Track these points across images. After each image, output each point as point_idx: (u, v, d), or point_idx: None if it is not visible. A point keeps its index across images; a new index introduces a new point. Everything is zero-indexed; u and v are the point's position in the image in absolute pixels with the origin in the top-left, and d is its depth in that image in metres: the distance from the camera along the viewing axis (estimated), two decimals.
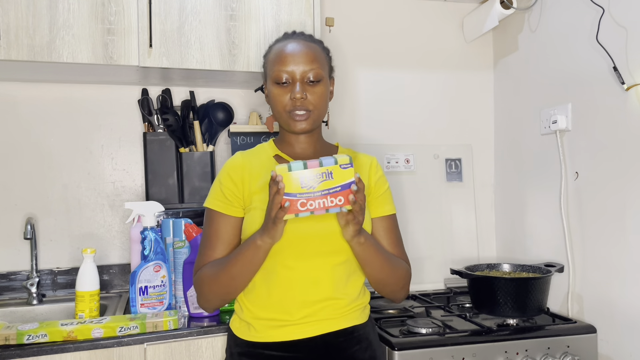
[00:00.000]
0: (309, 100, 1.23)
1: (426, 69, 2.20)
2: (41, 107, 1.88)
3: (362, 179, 1.31)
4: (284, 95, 1.23)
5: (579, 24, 1.70)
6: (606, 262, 1.61)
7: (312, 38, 1.32)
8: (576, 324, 1.60)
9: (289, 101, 1.23)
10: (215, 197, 1.26)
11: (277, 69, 1.23)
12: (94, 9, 1.60)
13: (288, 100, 1.23)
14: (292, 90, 1.22)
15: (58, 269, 1.86)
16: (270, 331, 1.21)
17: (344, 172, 1.06)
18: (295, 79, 1.23)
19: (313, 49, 1.26)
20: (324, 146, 1.35)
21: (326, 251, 1.21)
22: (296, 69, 1.22)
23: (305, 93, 1.22)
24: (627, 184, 1.53)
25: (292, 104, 1.23)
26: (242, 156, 1.30)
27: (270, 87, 1.26)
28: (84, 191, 1.91)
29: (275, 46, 1.29)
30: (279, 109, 1.25)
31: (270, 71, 1.26)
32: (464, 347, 1.45)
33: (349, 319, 1.24)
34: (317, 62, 1.25)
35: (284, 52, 1.25)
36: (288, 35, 1.31)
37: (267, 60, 1.30)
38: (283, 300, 1.20)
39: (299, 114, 1.23)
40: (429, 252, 2.11)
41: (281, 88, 1.24)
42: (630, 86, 1.50)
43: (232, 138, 1.96)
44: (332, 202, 1.06)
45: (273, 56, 1.27)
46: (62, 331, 1.33)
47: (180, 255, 1.61)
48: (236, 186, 1.24)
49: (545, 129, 1.85)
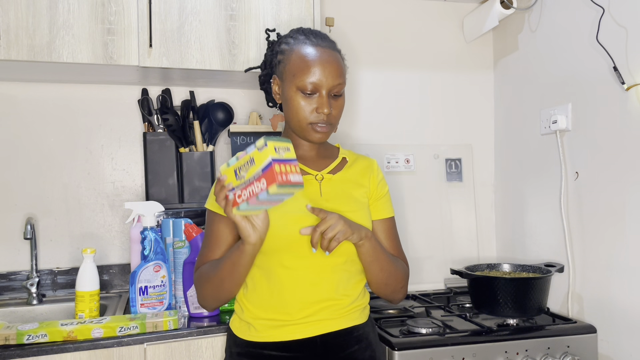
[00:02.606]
0: (333, 114, 1.22)
1: (426, 69, 2.20)
2: (41, 107, 1.88)
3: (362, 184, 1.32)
4: (308, 106, 1.20)
5: (579, 24, 1.70)
6: (606, 262, 1.61)
7: (333, 43, 1.27)
8: (576, 324, 1.60)
9: (314, 114, 1.20)
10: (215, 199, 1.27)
11: (304, 80, 1.19)
12: (94, 9, 1.60)
13: (312, 111, 1.20)
14: (319, 103, 1.20)
15: (58, 269, 1.86)
16: (270, 331, 1.21)
17: (261, 154, 1.02)
18: (322, 91, 1.20)
19: (339, 60, 1.23)
20: (326, 148, 1.35)
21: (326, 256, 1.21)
22: (325, 82, 1.19)
23: (331, 107, 1.21)
24: (627, 183, 1.53)
25: (316, 117, 1.20)
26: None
27: (290, 92, 1.22)
28: (84, 191, 1.91)
29: (298, 47, 1.23)
30: (300, 118, 1.21)
31: (292, 76, 1.21)
32: (464, 347, 1.44)
33: (349, 319, 1.24)
34: (343, 76, 1.23)
35: (312, 61, 1.20)
36: (310, 37, 1.24)
37: (288, 60, 1.23)
38: (283, 301, 1.20)
39: (322, 127, 1.21)
40: (429, 252, 2.11)
41: (305, 98, 1.20)
42: (630, 86, 1.50)
43: (232, 138, 1.96)
44: (258, 188, 1.02)
45: (298, 61, 1.21)
46: (62, 331, 1.33)
47: (180, 255, 1.61)
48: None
49: (545, 129, 1.85)
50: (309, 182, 1.26)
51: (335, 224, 1.14)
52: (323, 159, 1.32)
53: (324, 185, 1.27)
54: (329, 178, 1.28)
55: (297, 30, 1.28)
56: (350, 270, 1.25)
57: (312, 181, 1.27)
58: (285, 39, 1.28)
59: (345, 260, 1.23)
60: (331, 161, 1.32)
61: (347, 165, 1.33)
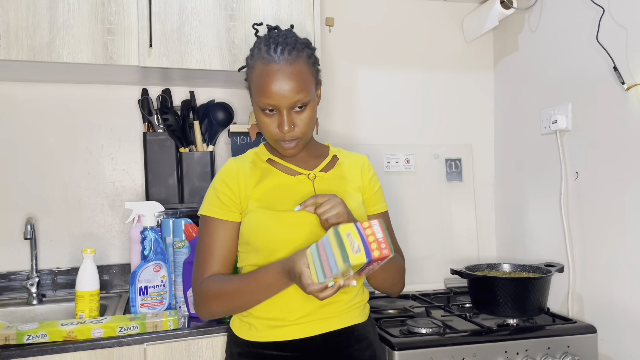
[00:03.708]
0: (296, 131, 1.20)
1: (426, 69, 2.20)
2: (41, 107, 1.88)
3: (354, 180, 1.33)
4: (271, 124, 1.20)
5: (579, 24, 1.70)
6: (606, 262, 1.61)
7: (296, 49, 1.20)
8: (576, 324, 1.60)
9: (277, 130, 1.20)
10: (211, 204, 1.25)
11: (262, 101, 1.18)
12: (94, 9, 1.60)
13: (275, 128, 1.20)
14: (279, 121, 1.19)
15: (58, 269, 1.86)
16: (271, 331, 1.21)
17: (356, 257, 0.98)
18: (282, 110, 1.18)
19: (298, 73, 1.18)
20: (315, 147, 1.36)
21: None
22: (282, 101, 1.17)
23: (292, 124, 1.19)
24: (627, 183, 1.53)
25: (279, 134, 1.20)
26: (234, 162, 1.30)
27: (255, 109, 1.23)
28: (84, 191, 1.91)
29: (257, 64, 1.20)
30: (267, 135, 1.23)
31: (255, 94, 1.21)
32: (464, 347, 1.44)
33: (349, 317, 1.24)
34: (304, 90, 1.18)
35: (267, 82, 1.16)
36: (271, 48, 1.19)
37: (251, 76, 1.22)
38: (283, 300, 1.20)
39: (289, 144, 1.22)
40: (429, 252, 2.11)
41: (267, 116, 1.20)
42: (630, 86, 1.50)
43: (232, 138, 1.96)
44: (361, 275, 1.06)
45: (256, 79, 1.19)
46: (62, 331, 1.33)
47: (180, 255, 1.61)
48: (232, 191, 1.24)
49: (545, 129, 1.85)
50: (302, 181, 1.27)
51: (336, 206, 1.16)
52: (314, 158, 1.33)
53: (317, 183, 1.28)
54: (321, 176, 1.29)
55: (265, 37, 1.24)
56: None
57: (305, 180, 1.28)
58: (252, 49, 1.24)
59: None
60: (322, 160, 1.33)
61: (338, 163, 1.34)
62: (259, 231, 1.20)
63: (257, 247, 1.21)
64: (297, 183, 1.27)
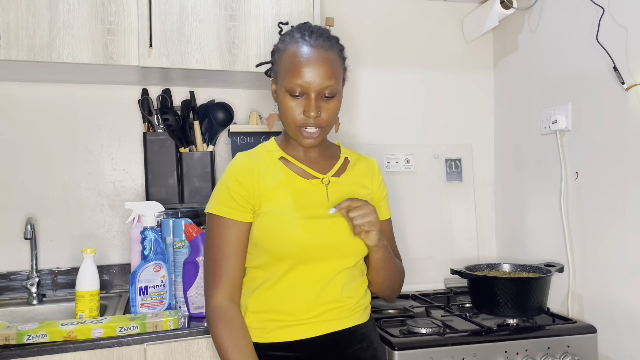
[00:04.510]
0: (322, 118, 1.18)
1: (426, 69, 2.19)
2: (41, 107, 1.88)
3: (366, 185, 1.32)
4: (297, 108, 1.17)
5: (579, 24, 1.70)
6: (606, 262, 1.61)
7: (330, 40, 1.21)
8: (576, 324, 1.60)
9: (301, 116, 1.17)
10: (224, 203, 1.20)
11: (292, 82, 1.15)
12: (94, 9, 1.60)
13: (300, 114, 1.17)
14: (306, 105, 1.16)
15: (58, 269, 1.86)
16: (275, 332, 1.20)
17: None
18: (310, 93, 1.16)
19: (331, 60, 1.18)
20: (327, 147, 1.34)
21: (336, 256, 1.21)
22: (313, 84, 1.15)
23: (319, 110, 1.17)
24: (627, 183, 1.53)
25: (304, 119, 1.17)
26: (247, 159, 1.24)
27: (280, 93, 1.19)
28: (84, 191, 1.91)
29: (290, 47, 1.19)
30: (289, 120, 1.19)
31: (282, 77, 1.18)
32: (464, 347, 1.44)
33: (352, 319, 1.25)
34: (335, 78, 1.18)
35: (300, 62, 1.15)
36: (305, 35, 1.19)
37: (280, 59, 1.20)
38: (289, 303, 1.19)
39: (310, 131, 1.18)
40: (429, 252, 2.11)
41: (294, 100, 1.17)
42: (630, 86, 1.50)
43: (232, 138, 1.96)
44: None
45: (287, 61, 1.18)
46: (62, 331, 1.33)
47: (180, 255, 1.61)
48: (247, 190, 1.20)
49: (545, 129, 1.85)
50: (316, 186, 1.25)
51: (369, 213, 1.16)
52: (326, 159, 1.30)
53: (330, 189, 1.26)
54: (334, 181, 1.27)
55: (297, 27, 1.24)
56: (355, 272, 1.26)
57: (319, 185, 1.25)
58: (283, 36, 1.24)
59: (353, 263, 1.24)
60: (334, 162, 1.31)
61: (350, 166, 1.32)
62: (272, 236, 1.18)
63: (268, 249, 1.19)
64: (311, 187, 1.24)
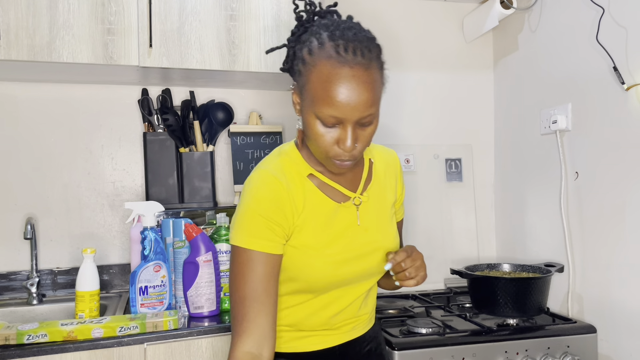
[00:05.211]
0: (358, 147, 1.00)
1: (426, 69, 2.19)
2: (41, 107, 1.88)
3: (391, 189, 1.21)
4: (329, 137, 0.98)
5: (579, 24, 1.70)
6: (606, 262, 1.61)
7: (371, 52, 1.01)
8: (576, 324, 1.60)
9: (335, 147, 0.99)
10: (259, 235, 1.01)
11: (325, 112, 0.95)
12: (94, 9, 1.60)
13: (333, 145, 0.98)
14: (342, 136, 0.97)
15: (58, 269, 1.86)
16: (290, 343, 1.16)
17: None
18: (347, 124, 0.97)
19: (373, 82, 0.98)
20: None
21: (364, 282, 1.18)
22: (351, 116, 0.95)
23: (356, 141, 0.99)
24: (627, 183, 1.53)
25: (338, 153, 0.99)
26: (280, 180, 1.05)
27: (308, 116, 0.99)
28: (84, 191, 1.91)
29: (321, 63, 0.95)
30: (319, 149, 1.00)
31: (312, 100, 0.97)
32: (464, 347, 1.44)
33: (366, 327, 1.24)
34: (376, 103, 0.99)
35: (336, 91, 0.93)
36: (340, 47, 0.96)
37: (308, 75, 0.98)
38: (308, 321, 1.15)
39: (342, 163, 1.01)
40: (429, 252, 2.11)
41: (325, 128, 0.98)
42: (630, 86, 1.50)
43: (232, 138, 1.96)
44: None
45: (318, 83, 0.95)
46: (62, 331, 1.33)
47: (180, 255, 1.61)
48: (287, 219, 1.04)
49: (545, 129, 1.85)
50: (347, 207, 1.11)
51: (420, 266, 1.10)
52: (354, 168, 1.15)
53: (361, 210, 1.13)
54: (365, 199, 1.14)
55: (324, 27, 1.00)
56: (373, 288, 1.25)
57: (350, 207, 1.12)
58: (309, 37, 1.00)
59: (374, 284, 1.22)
60: (360, 170, 1.16)
61: (374, 172, 1.19)
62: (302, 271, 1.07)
63: (294, 280, 1.10)
64: (342, 210, 1.10)
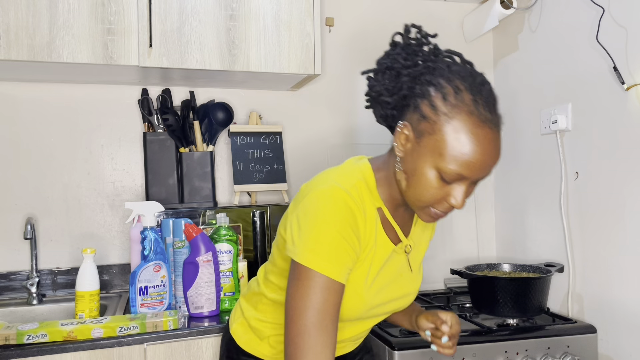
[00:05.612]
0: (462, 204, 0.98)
1: None
2: (41, 107, 1.88)
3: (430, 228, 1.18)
4: (440, 190, 0.94)
5: (579, 24, 1.70)
6: (606, 262, 1.61)
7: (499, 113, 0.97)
8: (576, 324, 1.60)
9: (443, 202, 0.95)
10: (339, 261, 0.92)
11: (452, 170, 0.90)
12: (94, 9, 1.60)
13: (441, 198, 0.95)
14: (456, 194, 0.93)
15: (58, 269, 1.86)
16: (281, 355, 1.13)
17: None
18: (467, 183, 0.94)
19: (501, 143, 0.97)
20: None
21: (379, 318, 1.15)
22: (477, 176, 0.92)
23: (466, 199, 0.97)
24: (627, 183, 1.53)
25: (444, 207, 0.96)
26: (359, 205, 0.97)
27: (424, 166, 0.93)
28: (84, 191, 1.91)
29: (460, 121, 0.90)
30: (422, 198, 0.95)
31: (440, 155, 0.91)
32: (464, 347, 1.44)
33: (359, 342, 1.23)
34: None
35: (475, 152, 0.89)
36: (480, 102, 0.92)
37: (438, 129, 0.91)
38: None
39: (441, 214, 0.98)
40: (429, 252, 2.11)
41: (441, 182, 0.93)
42: (630, 86, 1.50)
43: (232, 138, 1.96)
44: None
45: (455, 143, 0.89)
46: (62, 331, 1.33)
47: (180, 255, 1.61)
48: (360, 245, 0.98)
49: (545, 129, 1.85)
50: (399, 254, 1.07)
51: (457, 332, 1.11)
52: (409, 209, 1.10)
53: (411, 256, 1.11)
54: (413, 245, 1.11)
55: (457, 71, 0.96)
56: None
57: (402, 253, 1.08)
58: (439, 80, 0.95)
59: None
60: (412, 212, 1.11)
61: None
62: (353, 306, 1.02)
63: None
64: (394, 254, 1.06)
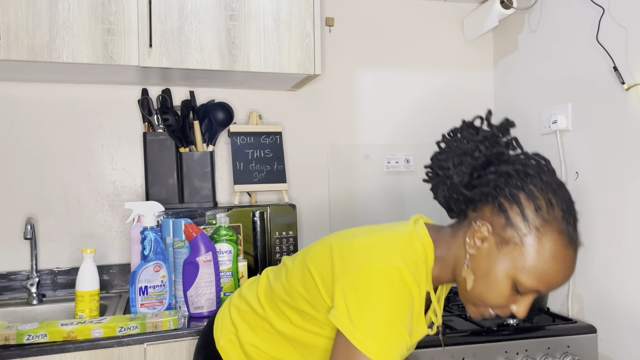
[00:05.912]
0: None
1: (426, 69, 2.20)
2: (41, 107, 1.88)
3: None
4: (508, 299, 0.94)
5: (579, 24, 1.70)
6: (606, 262, 1.61)
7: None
8: (576, 324, 1.60)
9: (506, 308, 0.96)
10: (397, 353, 0.92)
11: (532, 284, 0.91)
12: (94, 9, 1.60)
13: (506, 305, 0.95)
14: (520, 304, 0.94)
15: (58, 269, 1.86)
16: None
17: None
18: (534, 295, 0.95)
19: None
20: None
21: None
22: (547, 292, 0.94)
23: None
24: (627, 183, 1.53)
25: (505, 312, 0.96)
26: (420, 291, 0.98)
27: (500, 274, 0.93)
28: (84, 191, 1.91)
29: (553, 235, 0.90)
30: (487, 302, 0.95)
31: (523, 268, 0.91)
32: (464, 347, 1.44)
33: None
34: None
35: (560, 272, 0.91)
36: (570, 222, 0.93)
37: (530, 239, 0.91)
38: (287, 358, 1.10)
39: (491, 315, 0.99)
40: None
41: (513, 291, 0.94)
42: (630, 86, 1.50)
43: (232, 138, 1.96)
44: None
45: (542, 256, 0.90)
46: (62, 331, 1.33)
47: (180, 255, 1.61)
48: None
49: (545, 129, 1.85)
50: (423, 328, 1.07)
51: None
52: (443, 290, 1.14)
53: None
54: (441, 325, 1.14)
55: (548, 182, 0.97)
56: None
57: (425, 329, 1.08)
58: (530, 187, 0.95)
59: None
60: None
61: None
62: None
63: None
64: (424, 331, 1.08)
